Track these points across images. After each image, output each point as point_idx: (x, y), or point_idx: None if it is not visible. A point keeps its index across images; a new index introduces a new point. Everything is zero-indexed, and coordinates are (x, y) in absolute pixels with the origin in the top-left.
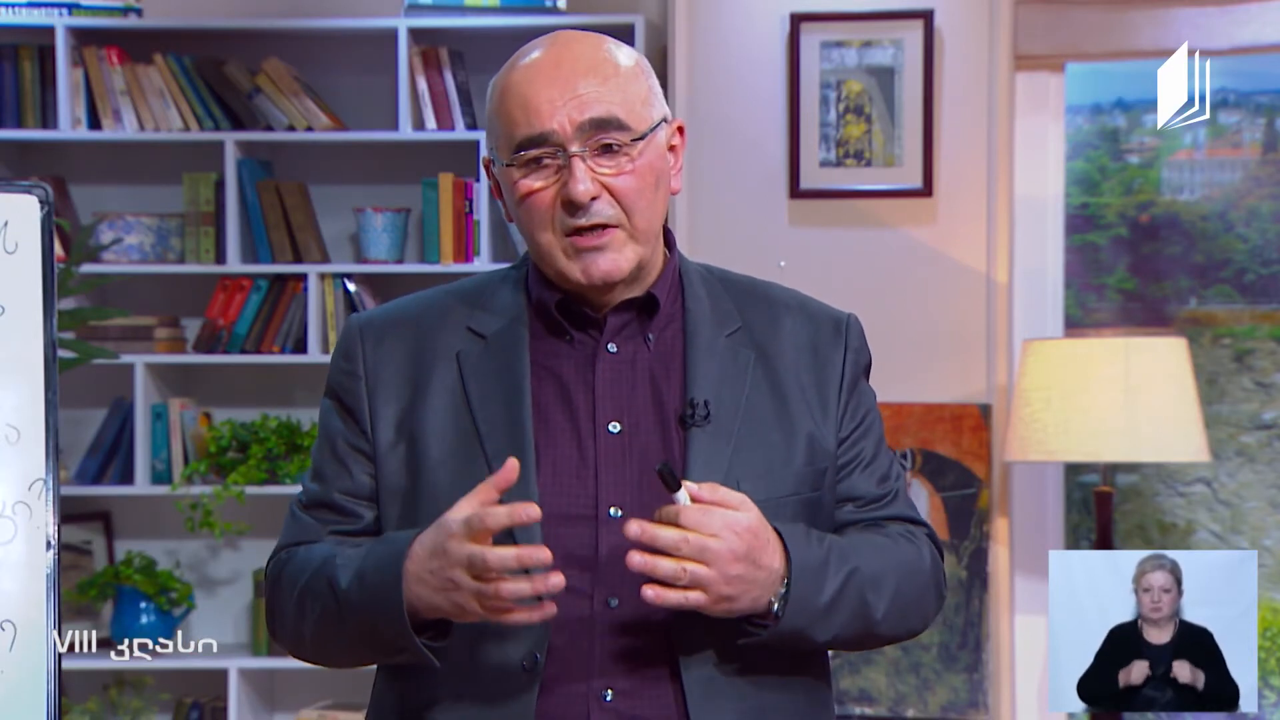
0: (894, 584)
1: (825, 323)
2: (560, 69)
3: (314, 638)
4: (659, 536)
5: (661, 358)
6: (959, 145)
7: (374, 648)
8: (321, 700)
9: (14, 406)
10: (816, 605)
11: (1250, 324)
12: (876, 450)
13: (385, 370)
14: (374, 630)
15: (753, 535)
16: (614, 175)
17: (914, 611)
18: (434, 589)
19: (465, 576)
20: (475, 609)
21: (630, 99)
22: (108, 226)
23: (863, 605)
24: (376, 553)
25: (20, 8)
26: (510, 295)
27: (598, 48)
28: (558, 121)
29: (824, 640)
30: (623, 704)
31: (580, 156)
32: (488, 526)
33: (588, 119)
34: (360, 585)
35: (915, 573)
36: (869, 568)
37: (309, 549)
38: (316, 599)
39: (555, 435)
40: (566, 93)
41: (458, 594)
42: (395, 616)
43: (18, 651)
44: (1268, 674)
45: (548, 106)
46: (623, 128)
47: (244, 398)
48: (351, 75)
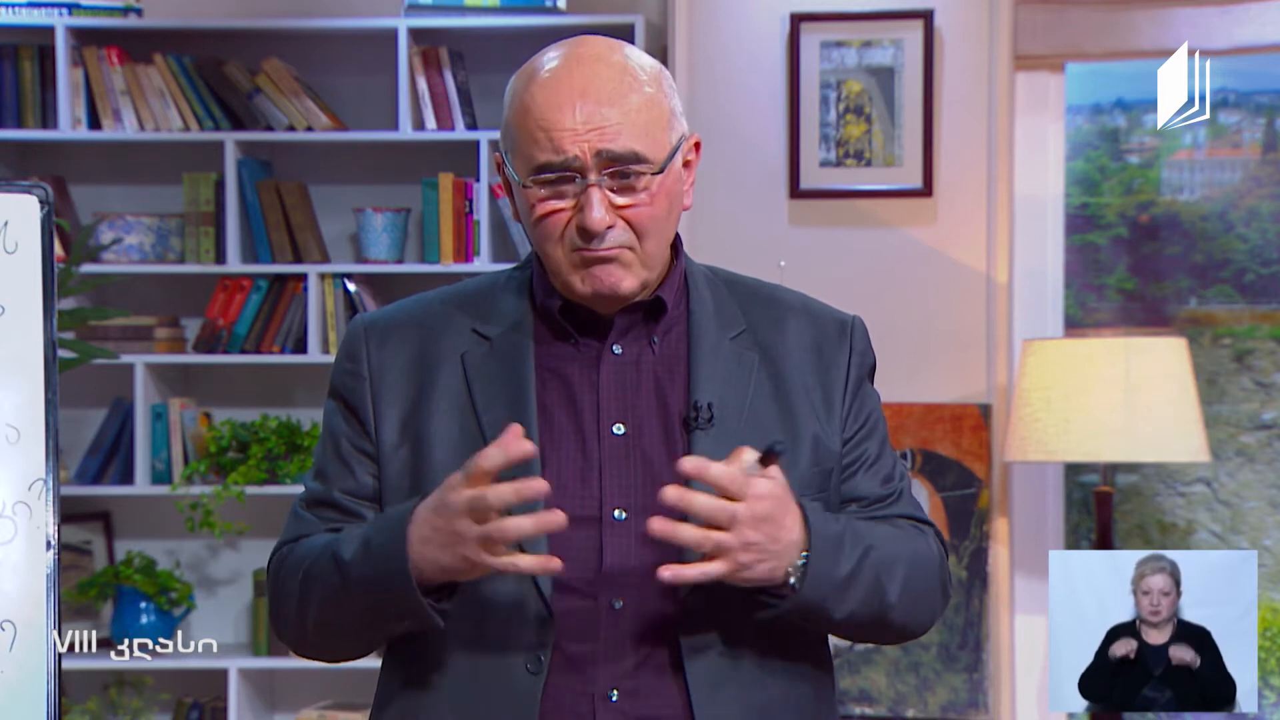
0: (905, 570)
1: (830, 325)
2: (586, 97)
3: (318, 620)
4: (695, 503)
5: (666, 360)
6: (959, 145)
7: (379, 616)
8: (321, 700)
9: (14, 406)
10: (835, 578)
11: (1250, 324)
12: (880, 451)
13: (390, 372)
14: (379, 597)
15: (774, 501)
16: (630, 206)
17: (923, 602)
18: (439, 546)
19: (468, 523)
20: (481, 559)
21: (652, 128)
22: (108, 226)
23: (877, 585)
24: (380, 521)
25: (20, 8)
26: (515, 297)
27: (622, 69)
28: (578, 149)
29: (840, 618)
30: (628, 704)
31: (598, 185)
32: (483, 467)
33: (609, 150)
34: (365, 552)
35: (925, 563)
36: (883, 549)
37: (309, 539)
38: (320, 578)
39: (559, 437)
40: (589, 123)
41: (463, 545)
42: (400, 578)
43: (18, 651)
44: (1267, 674)
45: (570, 135)
46: (642, 160)
47: (244, 398)
48: (351, 75)
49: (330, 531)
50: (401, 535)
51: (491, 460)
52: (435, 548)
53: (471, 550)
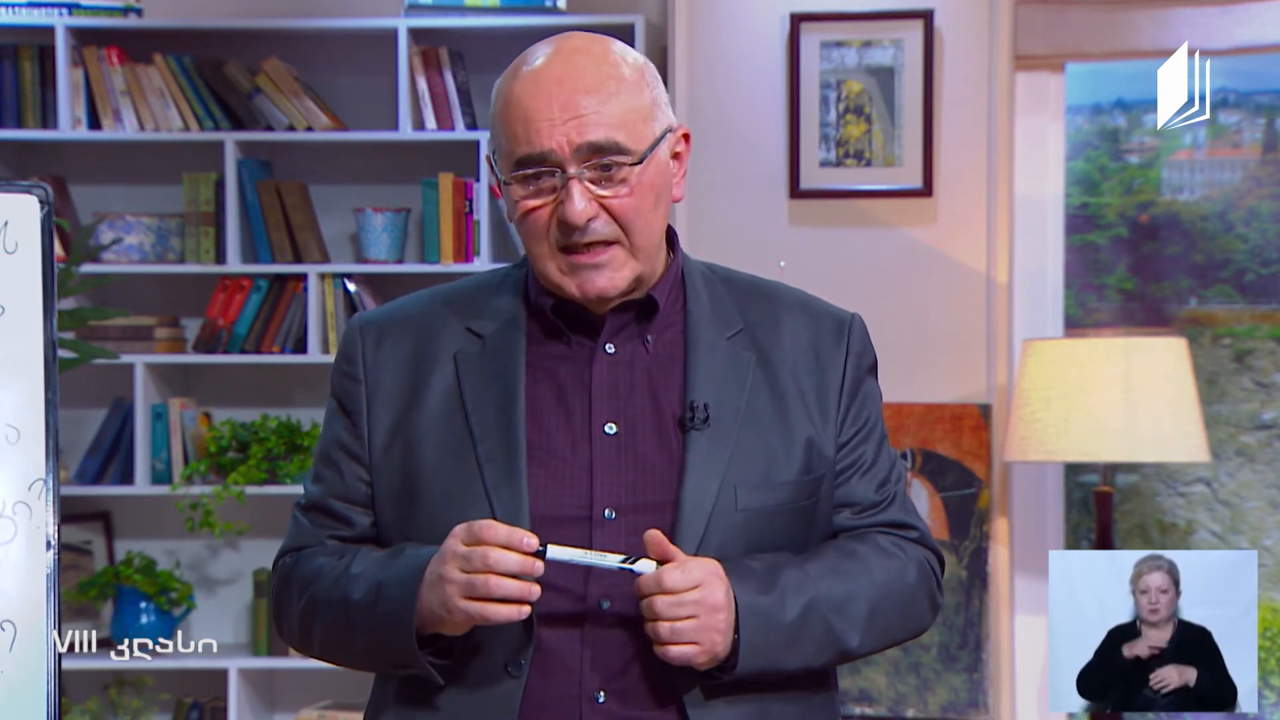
0: (866, 606)
1: (828, 324)
2: (563, 85)
3: (322, 643)
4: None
5: (660, 359)
6: (959, 145)
7: (381, 661)
8: (321, 700)
9: (14, 406)
10: (773, 643)
11: (1250, 324)
12: (877, 454)
13: (385, 373)
14: (383, 645)
15: (701, 592)
16: (612, 197)
17: (898, 626)
18: (430, 589)
19: (455, 570)
20: (460, 606)
21: (632, 118)
22: (108, 226)
23: (829, 634)
24: (396, 568)
25: (20, 8)
26: (509, 296)
27: (602, 60)
28: (556, 141)
29: (795, 668)
30: (615, 706)
31: (577, 178)
32: (482, 538)
33: (586, 142)
34: (376, 598)
35: (896, 588)
36: (834, 594)
37: (312, 556)
38: (327, 608)
39: (550, 436)
40: (567, 112)
41: (448, 588)
42: (404, 635)
43: (18, 651)
44: (1267, 674)
45: (547, 126)
46: (622, 151)
47: (244, 398)
48: (351, 75)
49: (332, 539)
50: (413, 590)
51: (495, 537)
52: (429, 593)
53: (452, 596)
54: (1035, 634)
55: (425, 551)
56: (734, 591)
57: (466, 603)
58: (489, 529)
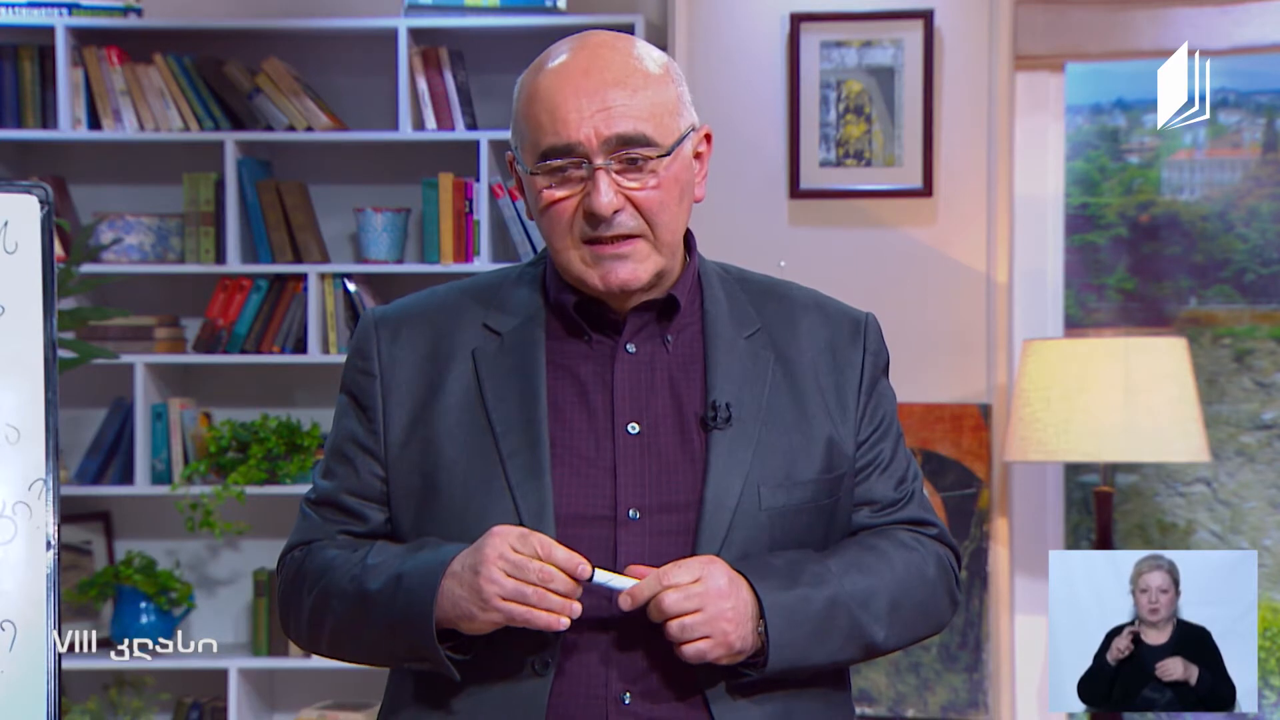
0: (888, 599)
1: (844, 323)
2: (589, 77)
3: (333, 636)
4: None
5: (680, 359)
6: (959, 145)
7: (395, 653)
8: (321, 700)
9: (14, 406)
10: (801, 637)
11: (1250, 324)
12: (895, 452)
13: (401, 368)
14: (399, 636)
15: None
16: (639, 189)
17: (919, 620)
18: (457, 584)
19: (499, 573)
20: (502, 607)
21: (659, 112)
22: (108, 226)
23: (854, 627)
24: (417, 560)
25: (20, 8)
26: (528, 293)
27: (628, 55)
28: (584, 133)
29: (824, 665)
30: (641, 706)
31: (605, 169)
32: (539, 553)
33: (615, 134)
34: (396, 589)
35: (917, 583)
36: (856, 587)
37: (324, 549)
38: (341, 599)
39: (572, 435)
40: (594, 103)
41: (488, 587)
42: (423, 627)
43: (18, 651)
44: (1267, 674)
45: (575, 116)
46: (649, 144)
47: (244, 398)
48: (351, 75)
49: (343, 535)
50: (434, 583)
51: (555, 558)
52: (460, 587)
53: (493, 596)
54: (1035, 634)
55: (449, 546)
56: (758, 590)
57: (509, 605)
58: (552, 548)
